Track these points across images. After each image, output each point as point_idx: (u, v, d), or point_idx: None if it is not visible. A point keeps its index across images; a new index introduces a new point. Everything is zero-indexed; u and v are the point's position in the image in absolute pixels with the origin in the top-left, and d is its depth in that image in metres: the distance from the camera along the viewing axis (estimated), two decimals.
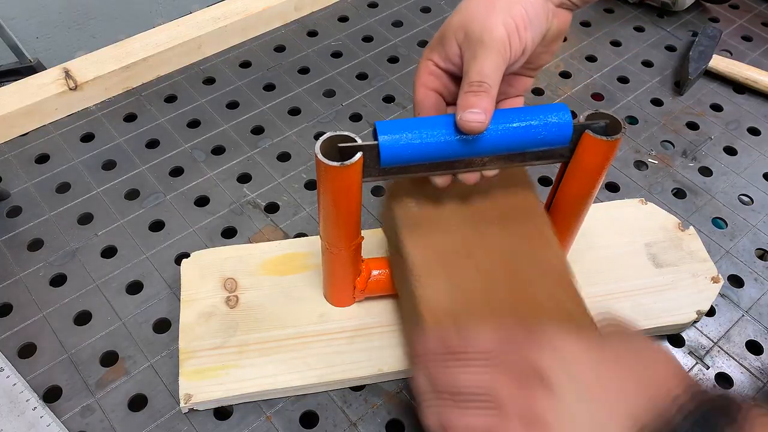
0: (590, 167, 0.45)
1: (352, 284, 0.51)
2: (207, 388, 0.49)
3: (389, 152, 0.41)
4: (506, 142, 0.42)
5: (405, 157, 0.42)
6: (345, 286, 0.51)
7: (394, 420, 0.50)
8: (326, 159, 0.39)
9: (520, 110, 0.43)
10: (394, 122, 0.41)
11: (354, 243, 0.47)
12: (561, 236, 0.50)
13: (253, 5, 0.77)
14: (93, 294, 0.55)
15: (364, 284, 0.51)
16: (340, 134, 0.41)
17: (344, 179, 0.41)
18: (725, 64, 0.76)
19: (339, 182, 0.41)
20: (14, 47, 0.87)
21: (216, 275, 0.55)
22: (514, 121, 0.42)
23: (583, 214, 0.49)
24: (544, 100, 0.73)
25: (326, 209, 0.44)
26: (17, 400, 0.48)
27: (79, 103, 0.69)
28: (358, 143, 0.41)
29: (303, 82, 0.74)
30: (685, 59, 0.76)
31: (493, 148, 0.43)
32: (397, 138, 0.41)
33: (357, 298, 0.53)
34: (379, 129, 0.41)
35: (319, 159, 0.40)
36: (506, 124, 0.42)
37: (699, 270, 0.57)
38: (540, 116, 0.42)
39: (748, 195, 0.66)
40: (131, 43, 0.72)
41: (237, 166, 0.65)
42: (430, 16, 0.83)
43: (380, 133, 0.41)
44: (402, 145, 0.41)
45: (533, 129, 0.42)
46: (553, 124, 0.43)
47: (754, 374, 0.53)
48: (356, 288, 0.51)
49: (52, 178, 0.64)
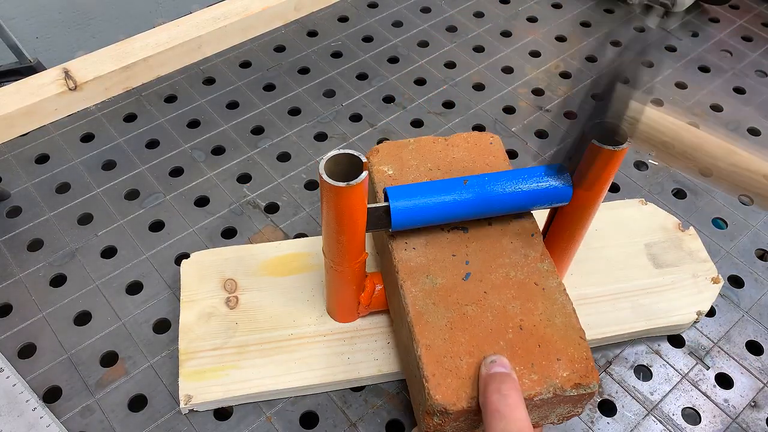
0: (595, 176, 0.44)
1: (356, 300, 0.50)
2: (207, 389, 0.49)
3: (400, 217, 0.44)
4: (511, 205, 0.46)
5: (414, 221, 0.45)
6: (349, 303, 0.51)
7: (394, 420, 0.50)
8: (331, 179, 0.39)
9: (524, 173, 0.46)
10: (403, 188, 0.45)
11: (358, 261, 0.46)
12: (565, 245, 0.50)
13: (253, 5, 0.77)
14: (93, 294, 0.55)
15: (368, 300, 0.51)
16: (345, 152, 0.41)
17: (349, 199, 0.40)
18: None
19: (344, 202, 0.40)
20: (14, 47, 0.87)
21: (216, 276, 0.55)
22: (519, 185, 0.46)
23: (587, 223, 0.48)
24: (544, 101, 0.73)
25: (330, 228, 0.43)
26: (17, 401, 0.48)
27: (79, 103, 0.69)
28: (373, 206, 0.44)
29: (303, 82, 0.74)
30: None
31: (498, 210, 0.47)
32: (408, 204, 0.44)
33: (361, 314, 0.53)
34: (390, 195, 0.44)
35: (323, 179, 0.39)
36: (513, 187, 0.46)
37: (699, 270, 0.57)
38: (544, 179, 0.46)
39: (748, 195, 0.65)
40: (131, 43, 0.72)
41: (237, 166, 0.65)
42: (430, 16, 0.83)
43: (391, 199, 0.44)
44: (411, 209, 0.45)
45: (537, 193, 0.46)
46: (556, 187, 0.46)
47: (755, 375, 0.53)
48: (361, 304, 0.51)
49: (52, 178, 0.64)
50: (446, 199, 0.45)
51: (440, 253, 0.47)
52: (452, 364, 0.42)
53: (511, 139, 0.69)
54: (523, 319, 0.44)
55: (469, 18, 0.83)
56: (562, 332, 0.43)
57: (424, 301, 0.45)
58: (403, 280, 0.46)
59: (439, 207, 0.45)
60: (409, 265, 0.46)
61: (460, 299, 0.45)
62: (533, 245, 0.48)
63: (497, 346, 0.43)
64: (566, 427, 0.50)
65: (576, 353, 0.42)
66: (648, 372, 0.53)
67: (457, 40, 0.80)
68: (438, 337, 0.43)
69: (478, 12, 0.84)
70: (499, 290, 0.45)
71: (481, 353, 0.42)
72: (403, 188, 0.45)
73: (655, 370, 0.53)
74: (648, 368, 0.53)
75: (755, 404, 0.52)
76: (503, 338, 0.43)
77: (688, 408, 0.51)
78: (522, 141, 0.69)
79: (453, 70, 0.76)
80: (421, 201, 0.45)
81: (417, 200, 0.45)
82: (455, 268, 0.46)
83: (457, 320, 0.44)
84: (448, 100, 0.73)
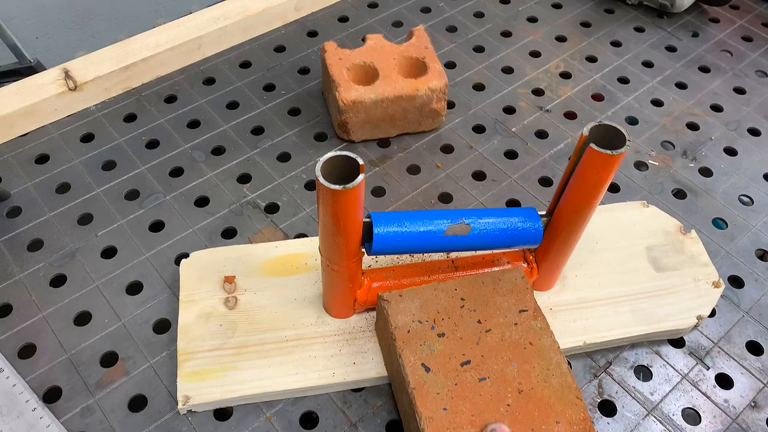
0: (593, 179, 0.44)
1: (353, 297, 0.51)
2: (205, 390, 0.49)
3: (381, 242, 0.45)
4: (487, 243, 0.48)
5: (392, 248, 0.46)
6: (345, 300, 0.51)
7: (394, 421, 0.50)
8: (327, 182, 0.39)
9: (501, 213, 0.49)
10: (387, 214, 0.46)
11: (354, 260, 0.47)
12: (563, 246, 0.50)
13: (253, 5, 0.77)
14: (93, 294, 0.55)
15: (365, 296, 0.51)
16: (342, 155, 0.41)
17: (345, 201, 0.40)
18: None
19: (340, 204, 0.41)
20: (14, 47, 0.87)
21: (215, 276, 0.55)
22: (495, 225, 0.48)
23: (585, 223, 0.48)
24: (545, 101, 0.73)
25: (327, 229, 0.43)
26: (17, 401, 0.48)
27: (79, 104, 0.69)
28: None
29: (303, 82, 0.74)
30: None
31: (474, 246, 0.48)
32: (389, 231, 0.46)
33: (357, 310, 0.53)
34: (374, 220, 0.45)
35: (319, 182, 0.39)
36: (488, 228, 0.48)
37: (700, 274, 0.56)
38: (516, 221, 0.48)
39: (748, 195, 0.65)
40: (131, 43, 0.72)
41: (237, 167, 0.65)
42: (430, 16, 0.83)
43: (375, 224, 0.45)
44: (391, 237, 0.46)
45: (510, 233, 0.48)
46: (528, 229, 0.48)
47: (755, 375, 0.53)
48: (357, 300, 0.51)
49: (52, 178, 0.64)
50: (426, 234, 0.46)
51: (435, 318, 0.47)
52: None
53: (511, 139, 0.69)
54: (521, 382, 0.44)
55: (469, 18, 0.83)
56: (559, 393, 0.44)
57: (423, 369, 0.45)
58: (401, 348, 0.46)
59: (417, 242, 0.46)
60: (405, 332, 0.46)
61: (459, 365, 0.45)
62: (525, 301, 0.48)
63: (498, 413, 0.43)
64: None
65: (574, 414, 0.43)
66: (648, 372, 0.53)
67: (457, 40, 0.80)
68: (439, 407, 0.43)
69: (478, 12, 0.84)
70: (496, 353, 0.46)
71: (482, 421, 0.42)
72: (387, 214, 0.47)
73: (655, 370, 0.53)
74: (648, 368, 0.53)
75: (755, 404, 0.51)
76: (503, 404, 0.43)
77: (688, 408, 0.51)
78: (522, 141, 0.69)
79: (453, 70, 0.76)
80: (401, 230, 0.46)
81: (397, 228, 0.46)
82: (451, 333, 0.47)
83: (458, 388, 0.44)
84: (448, 100, 0.73)
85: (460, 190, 0.64)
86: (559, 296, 0.55)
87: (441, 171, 0.66)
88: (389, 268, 0.53)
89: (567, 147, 0.69)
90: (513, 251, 0.54)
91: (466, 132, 0.70)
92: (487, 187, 0.65)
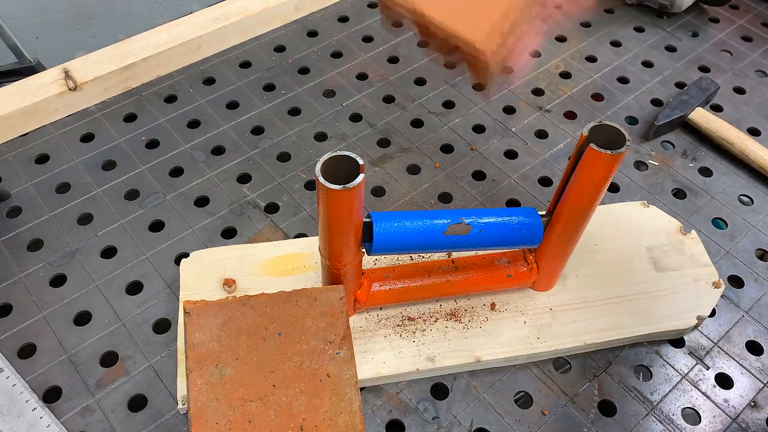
0: (593, 179, 0.44)
1: (353, 297, 0.51)
2: None
3: (381, 242, 0.45)
4: (486, 243, 0.48)
5: (392, 248, 0.46)
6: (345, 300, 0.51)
7: (394, 420, 0.50)
8: (327, 182, 0.39)
9: (501, 213, 0.49)
10: (387, 214, 0.46)
11: (354, 260, 0.47)
12: (563, 246, 0.50)
13: (253, 5, 0.77)
14: (93, 294, 0.55)
15: (365, 296, 0.51)
16: (342, 154, 0.41)
17: (345, 201, 0.40)
18: (705, 120, 0.69)
19: (340, 204, 0.41)
20: (14, 47, 0.87)
21: (215, 275, 0.55)
22: (495, 225, 0.48)
23: (585, 223, 0.49)
24: (544, 101, 0.73)
25: (327, 229, 0.43)
26: (17, 401, 0.48)
27: (79, 104, 0.69)
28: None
29: (303, 82, 0.74)
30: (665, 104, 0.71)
31: (474, 246, 0.48)
32: (390, 231, 0.46)
33: (358, 310, 0.53)
34: (374, 220, 0.45)
35: (319, 182, 0.39)
36: (488, 228, 0.48)
37: (700, 275, 0.56)
38: (516, 221, 0.48)
39: (748, 195, 0.65)
40: (131, 43, 0.72)
41: (237, 167, 0.65)
42: None
43: (375, 224, 0.45)
44: (392, 237, 0.46)
45: (510, 233, 0.48)
46: (528, 229, 0.48)
47: (755, 375, 0.53)
48: (357, 300, 0.51)
49: (52, 178, 0.64)
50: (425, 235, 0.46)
51: (236, 339, 0.44)
52: None
53: (511, 139, 0.69)
54: (305, 418, 0.42)
55: None
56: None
57: (207, 396, 0.42)
58: (190, 369, 0.43)
59: (417, 242, 0.47)
60: (200, 352, 0.43)
61: (246, 394, 0.42)
62: (336, 326, 0.45)
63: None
64: (567, 427, 0.50)
65: None
66: (648, 372, 0.53)
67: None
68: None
69: None
70: (289, 383, 0.43)
71: None
72: (387, 214, 0.47)
73: (655, 370, 0.53)
74: (648, 368, 0.53)
75: (755, 404, 0.51)
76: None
77: (688, 408, 0.51)
78: (522, 141, 0.69)
79: (453, 71, 0.76)
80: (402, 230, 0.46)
81: (398, 226, 0.46)
82: (248, 356, 0.44)
83: (238, 419, 0.42)
84: (448, 100, 0.73)
85: (460, 190, 0.64)
86: (559, 296, 0.55)
87: (441, 171, 0.66)
88: (389, 268, 0.53)
89: (567, 147, 0.69)
90: (513, 251, 0.54)
91: (466, 132, 0.70)
92: (487, 187, 0.65)
